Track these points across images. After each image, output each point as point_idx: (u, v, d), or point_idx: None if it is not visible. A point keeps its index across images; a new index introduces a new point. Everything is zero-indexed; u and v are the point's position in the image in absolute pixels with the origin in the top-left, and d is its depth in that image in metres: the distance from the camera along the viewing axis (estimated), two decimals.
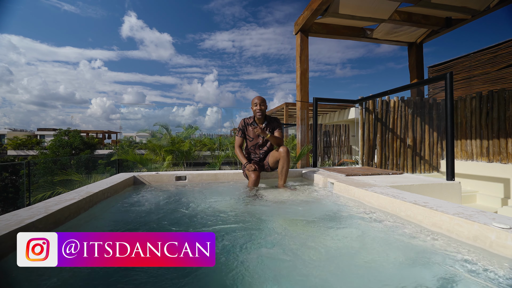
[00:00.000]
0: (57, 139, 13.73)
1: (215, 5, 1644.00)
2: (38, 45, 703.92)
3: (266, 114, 2.77)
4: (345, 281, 0.92)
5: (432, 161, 4.59)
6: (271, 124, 2.76)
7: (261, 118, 2.70)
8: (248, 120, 2.78)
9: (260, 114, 2.65)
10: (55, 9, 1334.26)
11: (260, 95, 2.72)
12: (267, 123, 2.74)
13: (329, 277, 0.95)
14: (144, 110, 7.68)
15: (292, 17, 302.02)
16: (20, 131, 34.61)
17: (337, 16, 4.23)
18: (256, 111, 2.65)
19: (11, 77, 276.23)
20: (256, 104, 2.64)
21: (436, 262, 1.01)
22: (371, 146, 4.55)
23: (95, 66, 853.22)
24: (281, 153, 2.51)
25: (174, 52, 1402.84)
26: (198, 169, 4.67)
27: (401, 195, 1.65)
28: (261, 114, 2.66)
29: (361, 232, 1.36)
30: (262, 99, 2.67)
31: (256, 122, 2.74)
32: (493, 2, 3.99)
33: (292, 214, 1.71)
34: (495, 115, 3.81)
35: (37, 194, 4.60)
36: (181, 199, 2.10)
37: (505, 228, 1.02)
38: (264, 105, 2.66)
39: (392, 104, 4.51)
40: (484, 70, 5.15)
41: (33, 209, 1.33)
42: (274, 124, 2.77)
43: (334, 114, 10.97)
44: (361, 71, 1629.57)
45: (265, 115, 2.74)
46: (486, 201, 3.75)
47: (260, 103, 2.64)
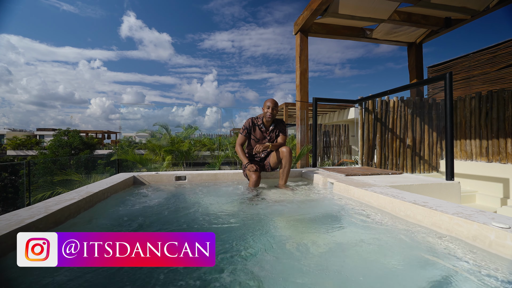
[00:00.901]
0: (57, 139, 13.72)
1: (215, 5, 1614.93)
2: (37, 45, 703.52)
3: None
4: (344, 281, 0.92)
5: (431, 161, 4.59)
6: (278, 126, 2.77)
7: (269, 121, 2.71)
8: (256, 121, 2.75)
9: (271, 117, 2.64)
10: (54, 8, 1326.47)
11: (273, 98, 2.71)
12: (274, 125, 2.75)
13: (328, 276, 0.95)
14: (143, 110, 7.68)
15: (291, 17, 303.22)
16: (19, 131, 34.56)
17: (336, 16, 4.23)
18: (267, 113, 2.63)
19: (10, 77, 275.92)
20: (269, 107, 2.63)
21: (435, 262, 1.01)
22: (370, 146, 4.56)
23: (94, 66, 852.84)
24: (284, 153, 2.52)
25: (174, 52, 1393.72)
26: (198, 169, 4.67)
27: (401, 195, 1.65)
28: (271, 117, 2.65)
29: (360, 232, 1.36)
30: (276, 103, 2.65)
31: (264, 124, 2.73)
32: (492, 2, 4.00)
33: (292, 215, 1.71)
34: (495, 115, 3.81)
35: (37, 194, 4.60)
36: (181, 199, 2.10)
37: (505, 228, 1.03)
38: (276, 109, 2.65)
39: (392, 104, 4.51)
40: (484, 70, 5.15)
41: (33, 209, 1.33)
42: (281, 127, 2.77)
43: (334, 114, 10.97)
44: (360, 71, 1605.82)
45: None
46: (486, 201, 3.76)
47: (273, 107, 2.63)
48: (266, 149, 2.56)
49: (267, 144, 2.55)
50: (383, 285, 0.89)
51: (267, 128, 2.74)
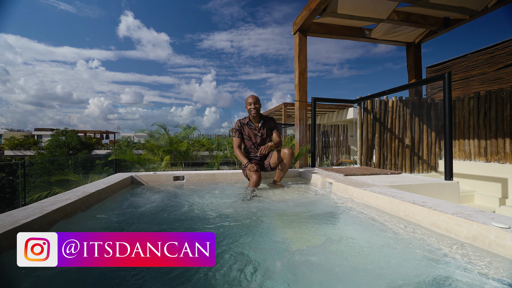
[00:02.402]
0: (55, 139, 13.67)
1: (213, 5, 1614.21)
2: (35, 45, 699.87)
3: (261, 114, 2.80)
4: (342, 281, 0.91)
5: (430, 161, 4.60)
6: (268, 123, 2.79)
7: (256, 117, 2.73)
8: (243, 120, 2.79)
9: (255, 112, 2.68)
10: (52, 8, 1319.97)
11: (253, 94, 2.76)
12: (263, 123, 2.76)
13: (327, 276, 0.94)
14: (142, 110, 7.65)
15: (290, 17, 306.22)
16: (17, 131, 34.39)
17: (335, 16, 4.23)
18: (251, 110, 2.68)
19: (8, 76, 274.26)
20: (250, 103, 2.68)
21: (434, 262, 1.00)
22: (369, 146, 4.55)
23: (92, 66, 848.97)
24: (286, 154, 2.55)
25: (172, 52, 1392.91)
26: (196, 169, 4.66)
27: (400, 195, 1.65)
28: (256, 112, 2.68)
29: (360, 232, 1.35)
30: (256, 98, 2.71)
31: (252, 122, 2.75)
32: (491, 3, 4.01)
33: (292, 215, 1.70)
34: (493, 115, 3.82)
35: (33, 194, 4.57)
36: (179, 199, 2.08)
37: (505, 228, 1.02)
38: (258, 103, 2.69)
39: (391, 104, 4.51)
40: (482, 70, 5.16)
41: (28, 209, 1.31)
42: (271, 124, 2.79)
43: (333, 114, 10.97)
44: (359, 71, 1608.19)
45: (260, 114, 2.77)
46: (484, 201, 3.76)
47: (253, 102, 2.68)
48: (268, 150, 2.58)
49: (269, 144, 2.56)
50: (381, 284, 0.89)
51: (255, 125, 2.76)
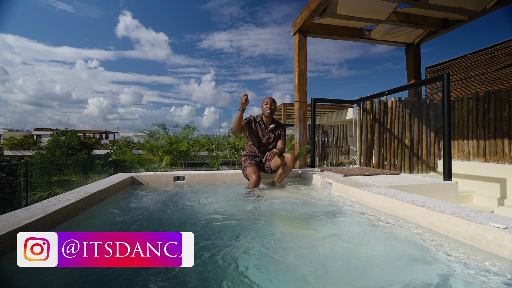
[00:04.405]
0: (54, 139, 13.65)
1: (213, 5, 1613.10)
2: (34, 45, 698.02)
3: (274, 118, 2.86)
4: (341, 280, 0.93)
5: (429, 161, 4.61)
6: (277, 130, 2.83)
7: (268, 118, 2.78)
8: (256, 118, 2.84)
9: (269, 112, 2.73)
10: (50, 8, 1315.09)
11: (271, 96, 2.88)
12: (274, 126, 2.81)
13: (326, 276, 0.95)
14: (141, 110, 7.64)
15: (290, 17, 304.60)
16: (16, 131, 34.34)
17: (335, 16, 4.24)
18: (266, 109, 2.73)
19: (7, 76, 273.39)
20: (267, 103, 2.75)
21: (433, 262, 1.02)
22: (369, 147, 4.57)
23: (91, 66, 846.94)
24: (288, 159, 2.57)
25: (171, 52, 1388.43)
26: (196, 170, 4.67)
27: (399, 195, 1.66)
28: (270, 112, 2.74)
29: (359, 232, 1.36)
30: (273, 99, 2.79)
31: (263, 122, 2.79)
32: (489, 3, 4.03)
33: (291, 215, 1.71)
34: (492, 116, 3.84)
35: (35, 195, 4.57)
36: (180, 199, 2.09)
37: (502, 228, 1.03)
38: (274, 105, 2.77)
39: (390, 104, 4.53)
40: (481, 71, 5.18)
41: (31, 209, 1.32)
42: (281, 130, 2.85)
43: (332, 115, 10.98)
44: (358, 71, 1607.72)
45: (273, 117, 2.83)
46: (483, 201, 3.78)
47: (271, 102, 2.76)
48: (273, 156, 2.61)
49: (275, 151, 2.58)
50: (380, 284, 0.90)
51: (266, 126, 2.79)
